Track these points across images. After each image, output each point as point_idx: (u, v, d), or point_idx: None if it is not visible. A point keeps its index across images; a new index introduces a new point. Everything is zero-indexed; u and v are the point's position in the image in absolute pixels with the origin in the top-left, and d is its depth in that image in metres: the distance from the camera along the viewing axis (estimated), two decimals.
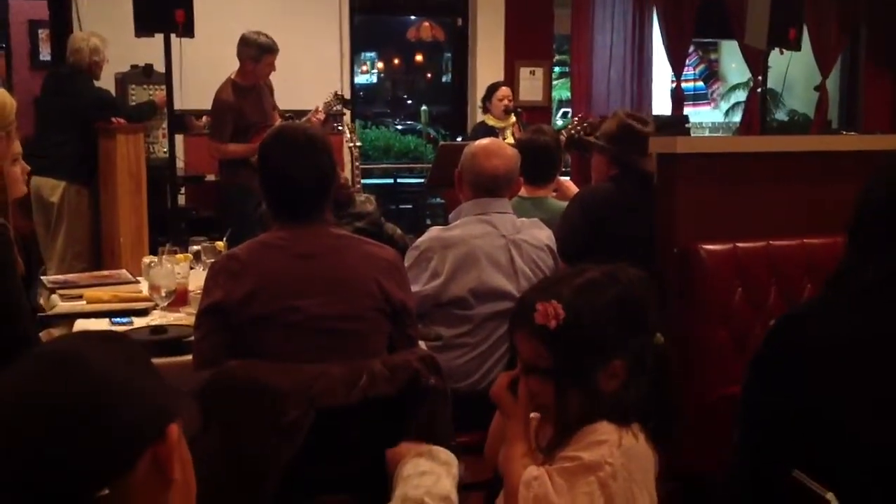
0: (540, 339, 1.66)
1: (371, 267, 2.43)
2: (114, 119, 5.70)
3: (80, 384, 1.01)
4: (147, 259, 3.64)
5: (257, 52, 5.51)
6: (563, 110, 10.74)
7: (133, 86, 6.33)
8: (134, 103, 6.22)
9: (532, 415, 1.76)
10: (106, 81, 6.31)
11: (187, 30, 5.20)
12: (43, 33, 7.63)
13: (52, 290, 3.43)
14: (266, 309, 2.32)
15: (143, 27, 5.19)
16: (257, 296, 2.32)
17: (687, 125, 7.73)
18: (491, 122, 6.45)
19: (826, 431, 1.53)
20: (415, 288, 2.83)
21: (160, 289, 3.07)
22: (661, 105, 8.89)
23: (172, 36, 5.26)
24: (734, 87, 11.04)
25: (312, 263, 2.38)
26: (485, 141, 3.30)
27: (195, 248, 3.71)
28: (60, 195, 5.64)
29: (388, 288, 2.43)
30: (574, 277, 1.73)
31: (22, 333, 2.67)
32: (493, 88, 6.57)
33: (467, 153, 3.21)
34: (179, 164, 6.21)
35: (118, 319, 3.08)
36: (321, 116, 5.85)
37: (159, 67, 5.70)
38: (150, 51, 5.70)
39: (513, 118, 6.40)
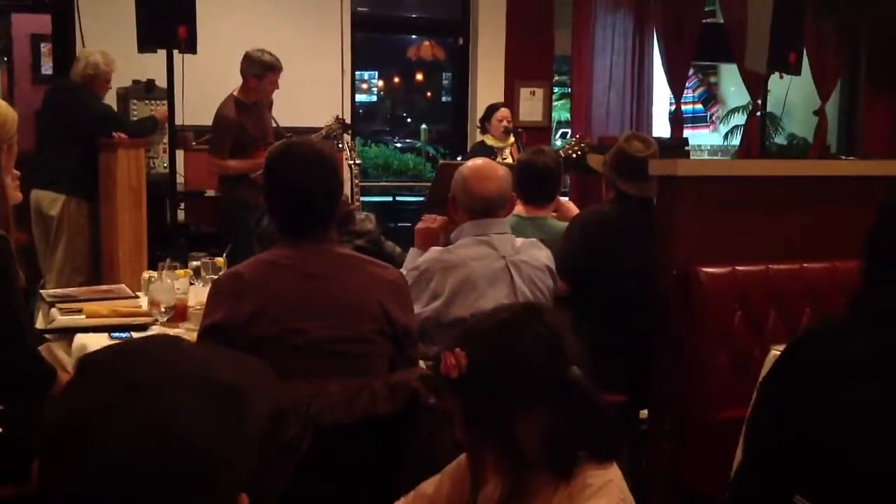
0: (450, 388, 1.61)
1: (375, 289, 2.42)
2: (115, 134, 5.71)
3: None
4: (147, 274, 3.65)
5: (260, 70, 5.53)
6: (561, 131, 10.77)
7: (135, 101, 6.34)
8: (135, 118, 6.23)
9: None
10: (107, 96, 6.32)
11: (190, 46, 5.22)
12: (45, 47, 7.67)
13: (52, 304, 3.43)
14: (269, 330, 2.31)
15: (146, 43, 5.21)
16: (260, 317, 2.31)
17: (686, 148, 7.75)
18: (490, 142, 6.46)
19: (832, 453, 1.53)
20: (416, 308, 2.83)
21: (160, 304, 3.08)
22: (659, 127, 8.92)
23: (175, 52, 5.28)
24: (733, 111, 11.07)
25: (317, 284, 2.37)
26: (476, 163, 3.29)
27: (195, 263, 3.72)
28: (60, 209, 5.64)
29: (391, 311, 2.43)
30: (485, 321, 1.67)
31: (23, 345, 2.67)
32: (492, 109, 6.58)
33: (458, 177, 3.21)
34: (179, 179, 6.22)
35: (117, 334, 3.08)
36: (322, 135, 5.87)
37: (161, 83, 5.73)
38: (152, 66, 5.72)
39: (512, 139, 6.41)
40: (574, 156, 5.32)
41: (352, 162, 5.91)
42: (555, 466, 1.56)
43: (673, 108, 8.74)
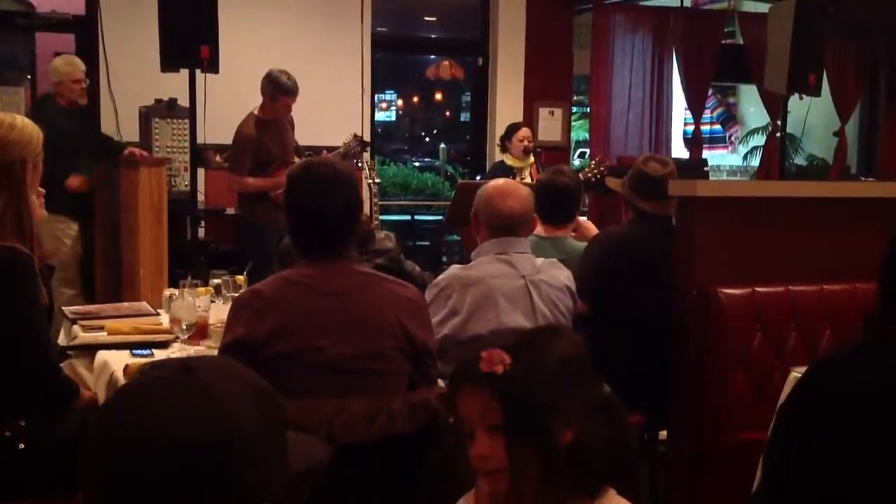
0: (488, 389, 1.55)
1: (394, 306, 2.44)
2: (136, 152, 5.74)
3: (217, 431, 1.01)
4: (168, 292, 3.67)
5: (274, 91, 5.57)
6: (580, 150, 10.78)
7: (157, 119, 6.38)
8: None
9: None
10: (130, 115, 6.39)
11: (212, 66, 5.26)
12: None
13: (74, 321, 3.46)
14: (288, 347, 2.33)
15: (169, 62, 5.25)
16: (280, 334, 2.33)
17: (706, 168, 7.74)
18: (510, 161, 6.47)
19: (856, 482, 1.52)
20: (433, 322, 2.84)
21: (181, 322, 3.10)
22: (675, 147, 8.92)
23: (197, 71, 5.33)
24: (753, 132, 11.06)
25: (336, 302, 2.39)
26: (499, 182, 3.32)
27: (216, 281, 3.74)
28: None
29: (410, 328, 2.44)
30: (513, 334, 1.71)
31: (45, 362, 2.70)
32: (512, 128, 6.59)
33: (482, 195, 3.23)
34: (200, 197, 6.25)
35: (139, 351, 3.10)
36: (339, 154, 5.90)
37: (183, 102, 5.77)
38: (174, 85, 5.76)
39: (531, 158, 6.42)
40: (593, 179, 5.34)
41: (371, 181, 5.93)
42: (584, 482, 1.55)
43: (687, 128, 8.74)
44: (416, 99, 12.70)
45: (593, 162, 6.00)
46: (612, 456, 1.59)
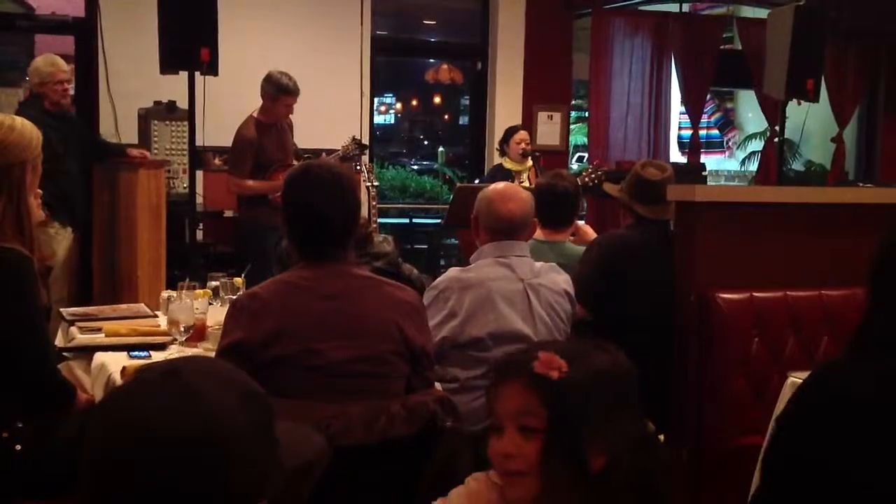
0: (536, 390, 1.51)
1: (392, 310, 2.44)
2: (136, 152, 5.74)
3: (200, 431, 1.03)
4: (166, 294, 3.67)
5: (275, 92, 5.57)
6: (578, 154, 10.79)
7: (156, 121, 6.39)
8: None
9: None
10: (129, 117, 6.39)
11: (212, 68, 5.26)
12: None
13: (71, 323, 3.46)
14: (287, 350, 2.32)
15: (169, 64, 5.25)
16: (278, 337, 2.33)
17: (704, 173, 7.75)
18: (508, 165, 6.46)
19: (852, 490, 1.52)
20: (432, 324, 2.84)
21: (179, 324, 3.09)
22: (673, 152, 8.94)
23: (197, 73, 5.33)
24: (751, 137, 11.07)
25: (334, 305, 2.39)
26: (500, 185, 3.32)
27: (214, 283, 3.74)
28: None
29: (408, 332, 2.44)
30: (568, 341, 1.68)
31: (43, 364, 2.69)
32: (510, 132, 6.59)
33: (483, 198, 3.23)
34: (199, 199, 6.24)
35: (136, 353, 3.10)
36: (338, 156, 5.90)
37: (183, 104, 5.77)
38: (174, 87, 5.76)
39: (530, 162, 6.40)
40: (591, 183, 5.34)
41: (369, 184, 5.92)
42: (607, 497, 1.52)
43: (683, 132, 8.76)
44: (414, 102, 12.71)
45: (591, 166, 6.00)
46: (640, 492, 1.54)
